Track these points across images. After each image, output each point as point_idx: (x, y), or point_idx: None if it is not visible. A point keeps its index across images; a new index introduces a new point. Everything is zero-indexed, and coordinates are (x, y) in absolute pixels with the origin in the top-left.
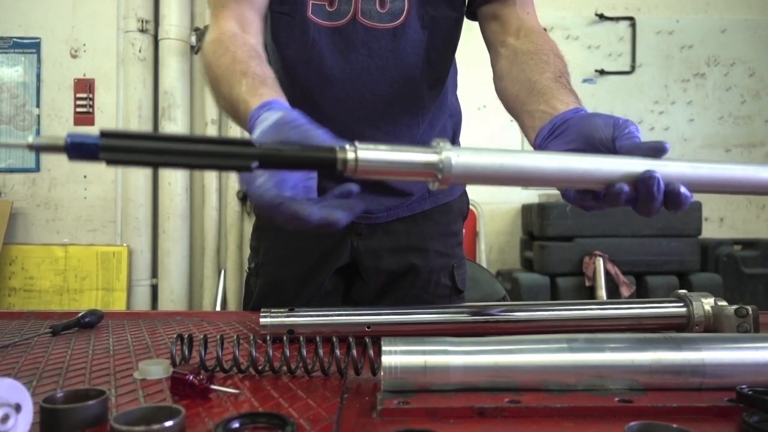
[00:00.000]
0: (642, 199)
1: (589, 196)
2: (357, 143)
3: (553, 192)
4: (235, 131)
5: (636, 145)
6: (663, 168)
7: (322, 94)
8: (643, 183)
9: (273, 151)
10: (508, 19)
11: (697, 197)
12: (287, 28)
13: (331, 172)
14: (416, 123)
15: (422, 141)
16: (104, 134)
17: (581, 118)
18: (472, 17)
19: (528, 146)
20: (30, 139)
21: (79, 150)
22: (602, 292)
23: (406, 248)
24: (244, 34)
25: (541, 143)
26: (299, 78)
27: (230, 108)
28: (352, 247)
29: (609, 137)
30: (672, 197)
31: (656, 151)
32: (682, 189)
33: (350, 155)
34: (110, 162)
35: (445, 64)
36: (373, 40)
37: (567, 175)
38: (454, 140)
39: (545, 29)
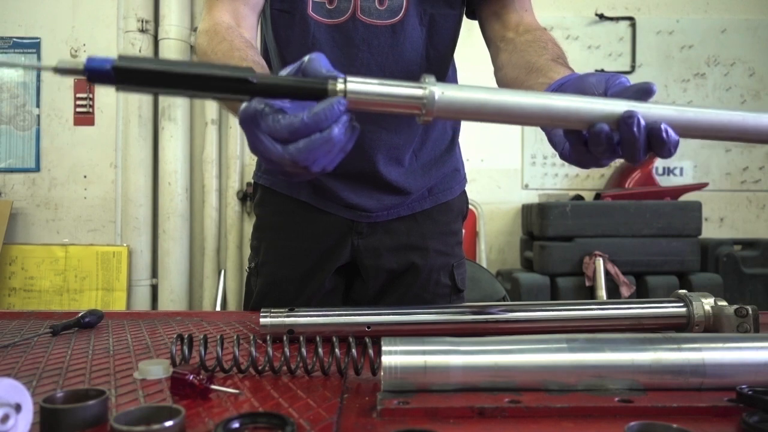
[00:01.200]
0: (625, 139)
1: (579, 145)
2: (348, 76)
3: (554, 192)
4: (235, 131)
5: (624, 88)
6: (645, 109)
7: None
8: (623, 122)
9: (270, 79)
10: (507, 16)
11: (697, 197)
12: (287, 26)
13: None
14: (415, 121)
15: (422, 138)
16: (121, 57)
17: (576, 78)
18: (472, 16)
19: (529, 144)
20: (55, 63)
21: (96, 73)
22: (602, 292)
23: (406, 247)
24: (240, 29)
25: None
26: None
27: None
28: (352, 246)
29: (602, 91)
30: (656, 137)
31: (643, 92)
32: (665, 126)
33: (340, 86)
34: (120, 87)
35: (444, 61)
36: (373, 37)
37: (548, 113)
38: (453, 138)
39: (545, 29)
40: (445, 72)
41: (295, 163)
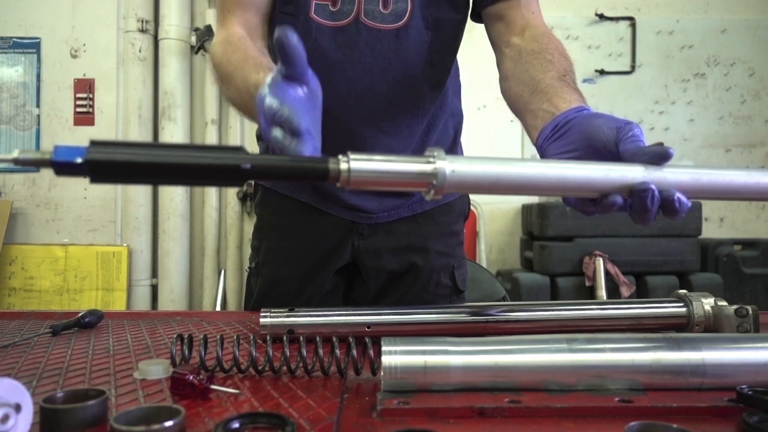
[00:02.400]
0: (636, 209)
1: (588, 202)
2: (350, 154)
3: None
4: (235, 131)
5: (639, 149)
6: (660, 176)
7: (325, 92)
8: (637, 194)
9: (264, 161)
10: (513, 19)
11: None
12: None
13: (322, 181)
14: (416, 123)
15: (422, 140)
16: (94, 144)
17: (583, 118)
18: (477, 19)
19: (529, 145)
20: (15, 153)
21: (65, 166)
22: (602, 292)
23: (407, 248)
24: (252, 39)
25: (543, 143)
26: None
27: (244, 98)
28: (353, 247)
29: (612, 140)
30: (668, 205)
31: (659, 158)
32: (678, 196)
33: (343, 166)
34: (95, 179)
35: (447, 66)
36: (376, 41)
37: (562, 185)
38: (455, 140)
39: (552, 35)
40: (448, 76)
41: None
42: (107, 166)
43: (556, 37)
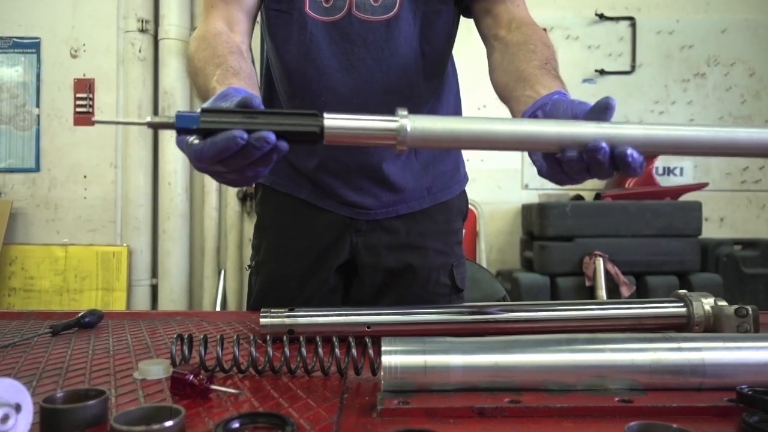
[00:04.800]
0: (592, 165)
1: (555, 166)
2: (325, 113)
3: (554, 192)
4: None
5: (589, 109)
6: (610, 131)
7: (320, 86)
8: (589, 151)
9: (253, 115)
10: (499, 13)
11: (697, 197)
12: (285, 25)
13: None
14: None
15: None
16: (204, 110)
17: (551, 103)
18: (468, 14)
19: None
20: (149, 118)
21: (185, 124)
22: (602, 292)
23: (405, 246)
24: (231, 33)
25: None
26: (297, 71)
27: (204, 99)
28: (351, 244)
29: (569, 116)
30: (621, 161)
31: (603, 109)
32: (630, 151)
33: (325, 123)
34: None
35: (440, 58)
36: (368, 33)
37: (519, 139)
38: None
39: (545, 29)
40: (443, 69)
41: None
42: (213, 131)
43: (540, 28)
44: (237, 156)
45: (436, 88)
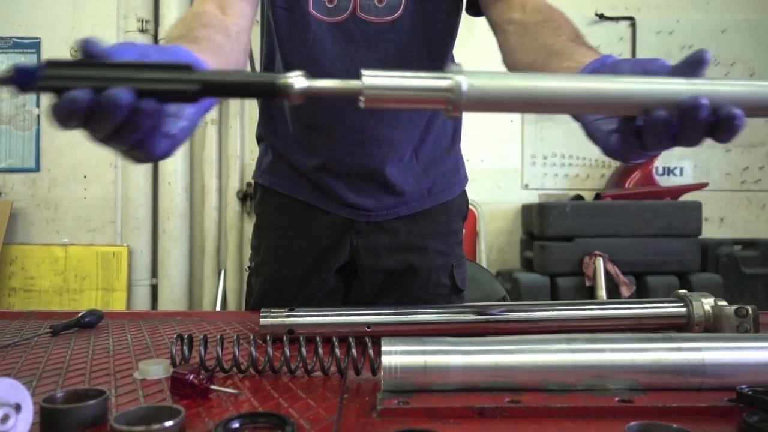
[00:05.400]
0: (687, 129)
1: (631, 136)
2: (363, 71)
3: (554, 192)
4: (235, 131)
5: (671, 68)
6: (710, 88)
7: None
8: (688, 111)
9: (218, 76)
10: None
11: (697, 197)
12: (289, 23)
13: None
14: (418, 114)
15: (423, 135)
16: (50, 63)
17: (612, 63)
18: (474, 11)
19: (529, 145)
20: None
21: (23, 80)
22: (602, 292)
23: (405, 247)
24: (222, 15)
25: None
26: (300, 70)
27: None
28: (351, 245)
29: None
30: (724, 123)
31: (695, 64)
32: (736, 112)
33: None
34: (45, 89)
35: (444, 56)
36: (372, 34)
37: (596, 98)
38: (455, 138)
39: (555, 8)
40: (445, 66)
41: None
42: (59, 89)
43: (559, 9)
44: (90, 121)
45: None
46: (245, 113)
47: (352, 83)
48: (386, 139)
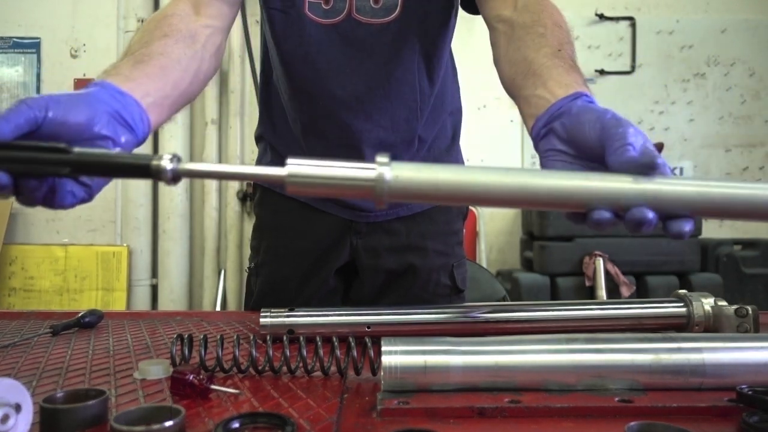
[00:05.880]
0: (631, 230)
1: (578, 216)
2: (289, 159)
3: None
4: (235, 131)
5: (627, 160)
6: (657, 188)
7: (320, 89)
8: (631, 222)
9: (93, 157)
10: None
11: None
12: (284, 25)
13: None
14: (414, 118)
15: (421, 137)
16: None
17: (576, 112)
18: (471, 8)
19: (530, 145)
20: None
21: None
22: (602, 292)
23: (405, 247)
24: (194, 15)
25: (536, 137)
26: (296, 72)
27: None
28: (351, 246)
29: (597, 145)
30: (670, 230)
31: (646, 167)
32: (679, 225)
33: (165, 164)
34: None
35: (441, 56)
36: (368, 36)
37: (531, 197)
38: (454, 139)
39: (545, 3)
40: (441, 67)
41: None
42: None
43: (552, 4)
44: None
45: (435, 89)
46: (245, 113)
47: (275, 171)
48: (383, 143)
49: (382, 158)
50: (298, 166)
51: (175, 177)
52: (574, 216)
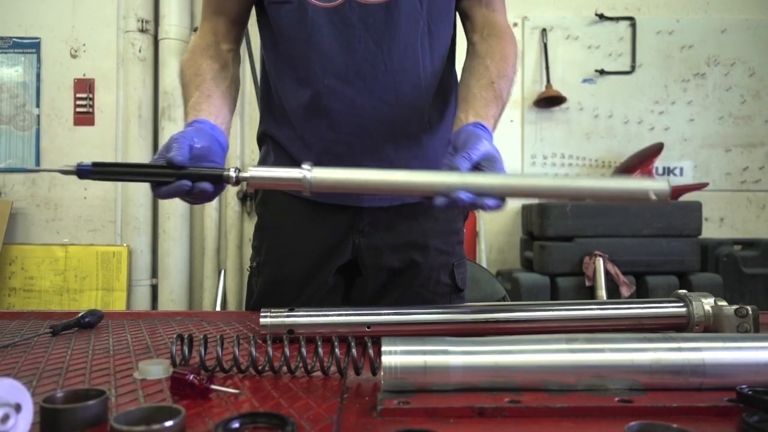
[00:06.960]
0: (455, 207)
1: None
2: (250, 167)
3: None
4: (234, 131)
5: (451, 162)
6: (471, 181)
7: (324, 72)
8: (454, 200)
9: (186, 170)
10: (475, 16)
11: (697, 197)
12: (285, 15)
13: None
14: (419, 94)
15: (429, 118)
16: (96, 164)
17: (462, 132)
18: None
19: (529, 145)
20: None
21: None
22: (602, 292)
23: (407, 245)
24: (219, 44)
25: (448, 140)
26: (300, 59)
27: (185, 114)
28: (353, 245)
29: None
30: (479, 206)
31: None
32: (484, 202)
33: (233, 173)
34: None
35: (446, 34)
36: (368, 15)
37: (396, 187)
38: None
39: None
40: (446, 45)
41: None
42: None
43: (510, 35)
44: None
45: (440, 69)
46: (245, 113)
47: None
48: (388, 118)
49: (305, 165)
50: (252, 171)
51: (237, 181)
52: (427, 200)
